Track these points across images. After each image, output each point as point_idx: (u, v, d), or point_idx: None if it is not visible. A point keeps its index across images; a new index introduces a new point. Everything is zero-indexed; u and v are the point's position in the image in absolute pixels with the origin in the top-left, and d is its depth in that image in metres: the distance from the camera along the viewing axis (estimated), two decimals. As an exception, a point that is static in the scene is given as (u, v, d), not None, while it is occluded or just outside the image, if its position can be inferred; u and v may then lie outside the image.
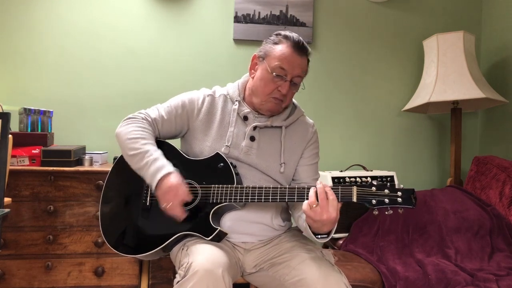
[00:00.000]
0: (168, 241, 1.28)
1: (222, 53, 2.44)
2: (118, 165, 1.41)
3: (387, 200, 1.16)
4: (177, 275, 1.16)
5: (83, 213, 1.88)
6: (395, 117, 2.63)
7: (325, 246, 2.28)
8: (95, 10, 2.32)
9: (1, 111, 1.85)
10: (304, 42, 1.36)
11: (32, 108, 2.00)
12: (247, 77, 1.47)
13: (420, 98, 2.34)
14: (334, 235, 2.08)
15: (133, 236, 1.33)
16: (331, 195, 1.13)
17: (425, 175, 2.66)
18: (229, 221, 1.34)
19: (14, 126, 2.08)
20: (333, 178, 2.15)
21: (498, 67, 2.51)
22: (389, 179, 2.24)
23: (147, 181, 1.27)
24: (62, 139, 2.27)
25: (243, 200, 1.27)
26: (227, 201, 1.27)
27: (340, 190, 1.17)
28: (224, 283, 1.10)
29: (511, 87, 2.39)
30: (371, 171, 2.33)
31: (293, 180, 1.45)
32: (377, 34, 2.60)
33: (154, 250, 1.28)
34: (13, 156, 1.84)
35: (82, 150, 2.08)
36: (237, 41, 2.45)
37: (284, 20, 2.47)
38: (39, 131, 2.02)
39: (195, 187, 1.31)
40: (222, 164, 1.32)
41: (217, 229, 1.25)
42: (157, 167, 1.25)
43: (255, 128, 1.38)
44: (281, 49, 1.33)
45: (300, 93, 2.47)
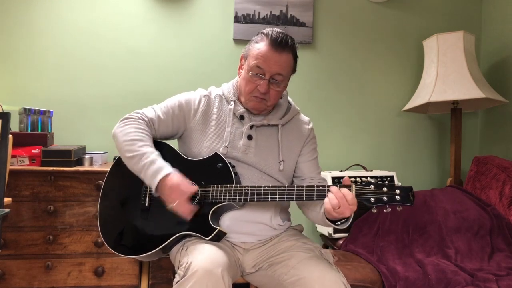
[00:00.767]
0: (167, 242, 1.28)
1: (222, 53, 2.44)
2: (116, 165, 1.41)
3: (385, 198, 1.17)
4: (176, 275, 1.16)
5: (83, 213, 1.88)
6: (395, 117, 2.63)
7: (325, 246, 2.28)
8: (95, 10, 2.33)
9: (1, 111, 1.85)
10: (285, 38, 1.32)
11: (32, 108, 2.01)
12: None
13: (420, 98, 2.34)
14: (334, 235, 2.10)
15: (132, 237, 1.33)
16: (349, 195, 1.15)
17: (425, 175, 2.66)
18: (228, 221, 1.34)
19: (14, 126, 2.08)
20: (333, 178, 2.16)
21: (498, 67, 2.51)
22: (389, 179, 2.24)
23: (147, 183, 1.27)
24: (62, 139, 2.27)
25: (242, 200, 1.27)
26: (226, 200, 1.27)
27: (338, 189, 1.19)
28: (223, 282, 1.10)
29: (511, 87, 2.39)
30: (371, 171, 2.34)
31: (296, 177, 1.46)
32: (377, 34, 2.60)
33: (153, 251, 1.28)
34: (13, 156, 1.84)
35: (82, 150, 2.08)
36: (237, 41, 2.45)
37: (284, 20, 2.47)
38: (39, 131, 2.03)
39: None
40: (220, 164, 1.32)
41: (217, 228, 1.25)
42: (156, 169, 1.25)
43: (252, 127, 1.38)
44: (258, 47, 1.33)
45: (300, 93, 2.50)
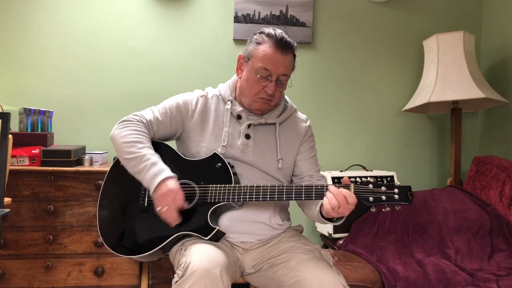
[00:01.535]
0: (166, 242, 1.28)
1: (222, 53, 2.44)
2: (116, 166, 1.41)
3: (384, 197, 1.18)
4: (175, 275, 1.16)
5: (83, 213, 1.88)
6: (395, 117, 2.63)
7: (325, 246, 2.28)
8: (95, 10, 2.33)
9: (1, 111, 1.85)
10: (287, 38, 1.33)
11: (32, 108, 2.01)
12: (236, 76, 1.47)
13: (420, 98, 2.34)
14: (334, 235, 2.10)
15: (131, 237, 1.33)
16: (350, 197, 1.16)
17: (425, 175, 2.66)
18: (228, 221, 1.34)
19: (14, 126, 2.08)
20: (333, 178, 2.15)
21: (498, 67, 2.51)
22: (389, 179, 2.24)
23: (145, 184, 1.27)
24: (62, 139, 2.27)
25: (241, 199, 1.27)
26: (225, 200, 1.28)
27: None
28: (222, 282, 1.10)
29: (511, 87, 2.39)
30: (371, 171, 2.34)
31: (294, 176, 1.46)
32: (377, 34, 2.60)
33: (152, 251, 1.28)
34: (13, 156, 1.84)
35: (82, 150, 2.08)
36: (237, 41, 2.45)
37: (284, 20, 2.47)
38: (39, 131, 2.03)
39: (193, 187, 1.31)
40: (220, 164, 1.32)
41: (215, 228, 1.25)
42: (156, 171, 1.25)
43: (249, 126, 1.39)
44: (263, 49, 1.32)
45: (300, 93, 2.50)
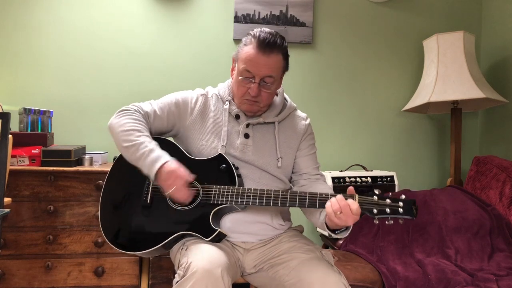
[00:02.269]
0: (168, 239, 1.28)
1: (222, 53, 2.44)
2: (118, 163, 1.41)
3: (388, 210, 1.16)
4: (176, 275, 1.16)
5: (83, 213, 1.88)
6: (395, 117, 2.62)
7: (325, 246, 2.28)
8: (95, 10, 2.33)
9: (1, 111, 1.85)
10: (273, 38, 1.30)
11: (32, 108, 2.01)
12: None
13: (420, 98, 2.34)
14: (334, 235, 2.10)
15: (133, 233, 1.33)
16: (354, 205, 1.14)
17: (425, 175, 2.66)
18: (229, 222, 1.34)
19: (14, 126, 2.08)
20: (333, 178, 2.15)
21: (498, 67, 2.51)
22: (389, 179, 2.24)
23: (145, 171, 1.27)
24: (62, 139, 2.27)
25: (244, 203, 1.27)
26: (228, 203, 1.27)
27: None
28: (223, 282, 1.10)
29: (511, 87, 2.39)
30: (371, 171, 2.34)
31: (293, 172, 1.46)
32: (377, 34, 2.60)
33: (154, 248, 1.29)
34: (13, 156, 1.84)
35: (82, 150, 2.08)
36: (237, 41, 2.44)
37: (284, 20, 2.47)
38: (39, 131, 2.02)
39: (196, 187, 1.31)
40: (224, 165, 1.32)
41: (217, 230, 1.25)
42: (154, 157, 1.25)
43: (248, 125, 1.39)
44: (246, 50, 1.31)
45: (300, 93, 2.49)
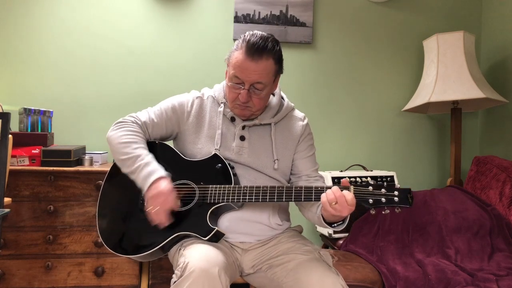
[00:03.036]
0: (165, 242, 1.28)
1: (222, 53, 2.43)
2: (115, 166, 1.41)
3: (384, 200, 1.17)
4: (173, 275, 1.16)
5: (83, 213, 1.88)
6: (395, 117, 2.62)
7: (325, 246, 2.28)
8: (95, 10, 2.33)
9: (1, 111, 1.85)
10: (263, 43, 1.26)
11: (32, 108, 2.01)
12: None
13: (420, 98, 2.34)
14: (334, 235, 2.10)
15: (130, 236, 1.33)
16: (349, 195, 1.14)
17: (425, 175, 2.66)
18: (227, 221, 1.34)
19: (14, 126, 2.08)
20: (333, 178, 2.15)
21: (498, 67, 2.51)
22: (389, 179, 2.24)
23: (138, 184, 1.27)
24: (62, 139, 2.27)
25: (241, 200, 1.27)
26: (225, 201, 1.27)
27: None
28: (220, 282, 1.10)
29: (511, 87, 2.39)
30: (371, 171, 2.34)
31: (292, 174, 1.45)
32: (377, 34, 2.60)
33: (151, 251, 1.28)
34: (13, 156, 1.84)
35: (82, 150, 2.08)
36: (237, 41, 2.44)
37: (284, 20, 2.47)
38: (39, 131, 2.03)
39: (193, 187, 1.31)
40: (220, 165, 1.32)
41: (214, 229, 1.25)
42: (149, 171, 1.25)
43: (243, 127, 1.38)
44: (236, 56, 1.29)
45: (300, 93, 2.49)
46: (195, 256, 1.14)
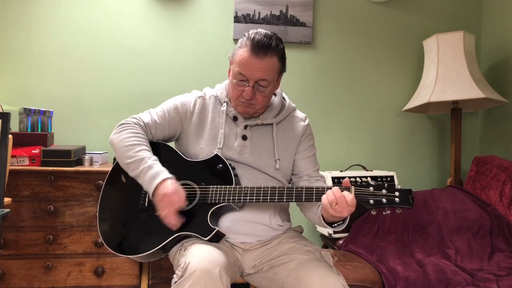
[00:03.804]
0: (166, 242, 1.28)
1: (222, 53, 2.43)
2: (117, 166, 1.41)
3: (384, 200, 1.16)
4: (174, 275, 1.16)
5: (83, 213, 1.88)
6: (395, 117, 2.62)
7: (325, 246, 2.28)
8: (95, 10, 2.33)
9: (1, 111, 1.85)
10: (267, 41, 1.28)
11: (32, 108, 2.01)
12: None
13: (420, 98, 2.34)
14: (334, 235, 2.10)
15: (131, 237, 1.33)
16: (349, 196, 1.14)
17: (425, 175, 2.66)
18: (228, 222, 1.34)
19: (14, 126, 2.08)
20: (333, 178, 2.15)
21: (498, 67, 2.51)
22: (389, 179, 2.24)
23: (144, 187, 1.28)
24: (62, 139, 2.27)
25: (241, 201, 1.27)
26: (226, 201, 1.27)
27: None
28: (221, 282, 1.10)
29: (511, 87, 2.39)
30: (371, 171, 2.34)
31: (293, 175, 1.45)
32: (377, 34, 2.60)
33: (152, 251, 1.28)
34: (13, 156, 1.84)
35: (82, 150, 2.08)
36: (237, 41, 2.43)
37: (284, 20, 2.47)
38: (39, 131, 2.03)
39: (194, 188, 1.31)
40: (221, 165, 1.32)
41: (215, 229, 1.25)
42: (153, 174, 1.25)
43: (246, 127, 1.38)
44: (240, 53, 1.30)
45: (300, 93, 2.49)
46: (196, 256, 1.14)
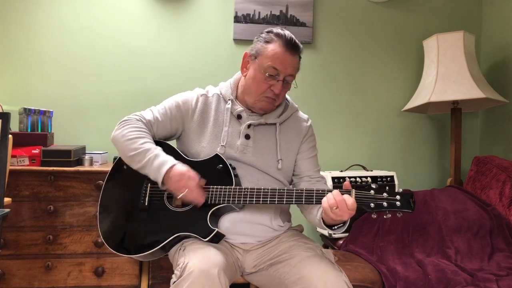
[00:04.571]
0: (166, 242, 1.28)
1: (222, 53, 2.44)
2: (117, 166, 1.41)
3: (385, 204, 1.15)
4: (173, 276, 1.16)
5: (83, 213, 1.88)
6: (395, 117, 2.62)
7: (325, 246, 2.28)
8: (95, 10, 2.32)
9: (1, 111, 1.85)
10: (295, 39, 1.33)
11: (32, 108, 2.00)
12: (239, 75, 1.46)
13: (420, 98, 2.34)
14: (334, 235, 2.10)
15: (131, 236, 1.33)
16: (349, 200, 1.13)
17: (425, 175, 2.66)
18: (228, 222, 1.34)
19: (14, 126, 2.08)
20: (333, 178, 2.15)
21: (498, 67, 2.51)
22: (389, 179, 2.24)
23: (152, 177, 1.27)
24: (62, 139, 2.27)
25: (241, 202, 1.27)
26: (225, 202, 1.27)
27: None
28: (220, 283, 1.10)
29: (511, 87, 2.39)
30: (371, 171, 2.33)
31: (294, 175, 1.45)
32: (377, 34, 2.60)
33: (151, 251, 1.28)
34: (13, 156, 1.84)
35: (82, 150, 2.08)
36: (237, 41, 2.44)
37: (284, 20, 2.47)
38: (39, 131, 2.02)
39: None
40: (221, 165, 1.32)
41: (215, 230, 1.25)
42: (160, 162, 1.25)
43: (249, 126, 1.38)
44: (273, 48, 1.31)
45: (300, 93, 2.49)
46: (195, 257, 1.14)
